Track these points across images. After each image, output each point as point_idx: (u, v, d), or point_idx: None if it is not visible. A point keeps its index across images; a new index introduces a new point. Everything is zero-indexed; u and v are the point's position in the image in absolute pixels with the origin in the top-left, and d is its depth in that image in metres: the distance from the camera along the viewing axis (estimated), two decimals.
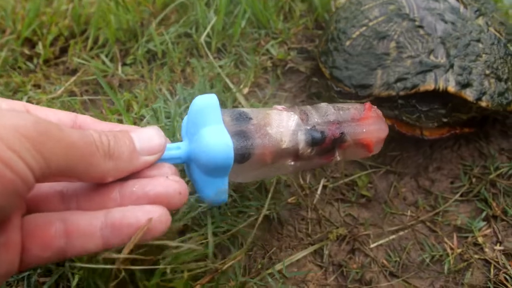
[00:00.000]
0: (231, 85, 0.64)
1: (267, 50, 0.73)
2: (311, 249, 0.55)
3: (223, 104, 0.62)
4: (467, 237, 0.57)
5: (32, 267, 0.42)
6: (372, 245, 0.57)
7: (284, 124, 0.38)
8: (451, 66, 0.53)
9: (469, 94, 0.53)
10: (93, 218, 0.30)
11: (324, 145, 0.40)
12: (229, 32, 0.73)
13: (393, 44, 0.55)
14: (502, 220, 0.58)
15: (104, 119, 0.59)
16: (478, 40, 0.55)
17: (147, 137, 0.32)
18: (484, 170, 0.63)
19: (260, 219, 0.48)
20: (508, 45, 0.58)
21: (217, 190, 0.35)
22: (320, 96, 0.69)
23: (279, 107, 0.41)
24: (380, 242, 0.57)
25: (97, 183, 0.32)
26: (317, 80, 0.71)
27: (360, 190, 0.62)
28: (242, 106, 0.63)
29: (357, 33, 0.59)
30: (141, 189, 0.31)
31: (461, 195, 0.61)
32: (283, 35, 0.75)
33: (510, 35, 0.60)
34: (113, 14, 0.75)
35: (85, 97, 0.69)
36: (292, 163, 0.40)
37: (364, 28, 0.59)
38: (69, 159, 0.26)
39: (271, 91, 0.68)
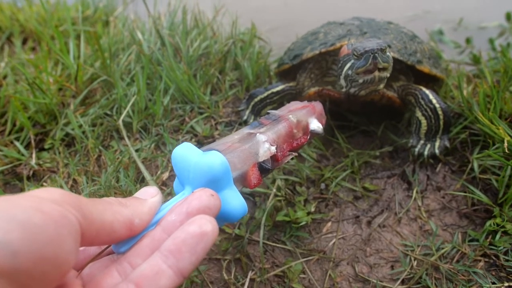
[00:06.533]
0: (145, 174, 0.58)
1: (192, 127, 0.68)
2: None
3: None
4: None
5: None
6: None
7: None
8: (363, 34, 0.68)
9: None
10: (152, 259, 0.31)
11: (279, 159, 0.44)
12: (151, 111, 0.68)
13: (321, 34, 0.72)
14: None
15: None
16: (387, 29, 0.71)
17: (143, 191, 0.37)
18: (426, 251, 0.57)
19: None
20: (415, 39, 0.73)
21: (232, 199, 0.37)
22: None
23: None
24: None
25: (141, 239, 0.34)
26: None
27: (291, 282, 0.55)
28: None
29: (300, 37, 0.77)
30: (180, 214, 0.33)
31: (402, 282, 0.55)
32: (210, 109, 0.70)
33: (414, 38, 0.74)
34: (29, 101, 0.70)
35: None
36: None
37: (305, 34, 0.77)
38: (96, 208, 0.30)
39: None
